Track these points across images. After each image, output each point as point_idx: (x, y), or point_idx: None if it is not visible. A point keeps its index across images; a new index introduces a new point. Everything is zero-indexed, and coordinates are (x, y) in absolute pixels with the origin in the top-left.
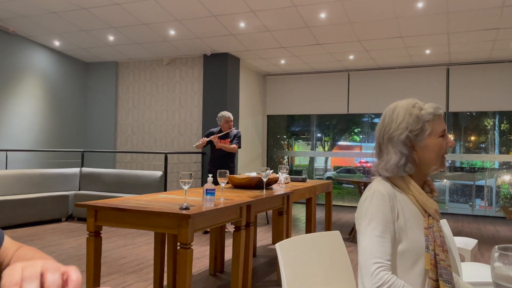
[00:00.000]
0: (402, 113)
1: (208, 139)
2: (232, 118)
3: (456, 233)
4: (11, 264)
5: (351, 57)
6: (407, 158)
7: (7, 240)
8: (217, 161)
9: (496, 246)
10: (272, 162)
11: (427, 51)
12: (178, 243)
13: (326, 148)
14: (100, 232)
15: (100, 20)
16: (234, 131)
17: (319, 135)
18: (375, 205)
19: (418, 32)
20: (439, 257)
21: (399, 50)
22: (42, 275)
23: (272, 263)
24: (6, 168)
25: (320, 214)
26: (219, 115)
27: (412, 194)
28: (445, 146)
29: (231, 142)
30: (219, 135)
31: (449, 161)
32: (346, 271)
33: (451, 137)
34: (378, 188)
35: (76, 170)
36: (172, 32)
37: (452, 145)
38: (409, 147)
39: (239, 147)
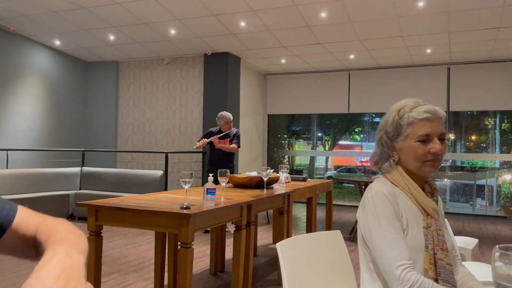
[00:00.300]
0: (388, 114)
1: (209, 140)
2: (231, 118)
3: (457, 232)
4: (38, 236)
5: (352, 56)
6: (382, 157)
7: (22, 211)
8: (217, 161)
9: (497, 246)
10: (273, 162)
11: (428, 51)
12: (179, 243)
13: (327, 148)
14: (101, 231)
15: (101, 20)
16: (233, 130)
17: (319, 134)
18: (380, 207)
19: (419, 31)
20: (438, 256)
21: (400, 50)
22: None
23: (273, 262)
24: (6, 168)
25: (320, 213)
26: (219, 115)
27: (411, 193)
28: (424, 152)
29: (230, 141)
30: (219, 136)
31: (450, 160)
32: (347, 271)
33: (450, 138)
34: (379, 189)
35: (76, 169)
36: (172, 32)
37: (434, 151)
38: (385, 147)
39: (239, 147)
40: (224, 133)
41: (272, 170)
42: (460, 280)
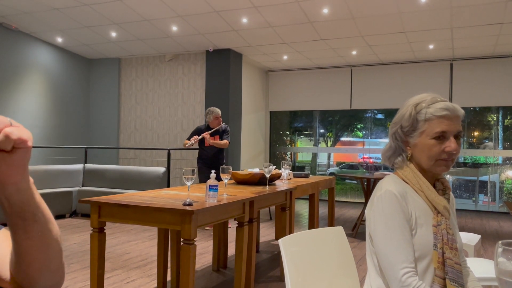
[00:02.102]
0: (404, 108)
1: (200, 137)
2: (220, 113)
3: (460, 228)
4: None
5: (354, 52)
6: (396, 151)
7: (3, 233)
8: (208, 157)
9: (500, 242)
10: (275, 158)
11: (431, 46)
12: (182, 239)
13: (329, 144)
14: (104, 228)
15: (103, 17)
16: (222, 126)
17: (322, 131)
18: (388, 207)
19: (422, 27)
20: (446, 255)
21: (402, 46)
22: None
23: (275, 258)
24: None
25: (323, 210)
26: (207, 111)
27: (422, 191)
28: (439, 151)
29: (220, 137)
30: (210, 132)
31: None
32: (349, 267)
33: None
34: (388, 188)
35: (79, 166)
36: (174, 28)
37: (449, 150)
38: (399, 142)
39: (229, 142)
40: (213, 129)
41: (274, 166)
42: (468, 284)
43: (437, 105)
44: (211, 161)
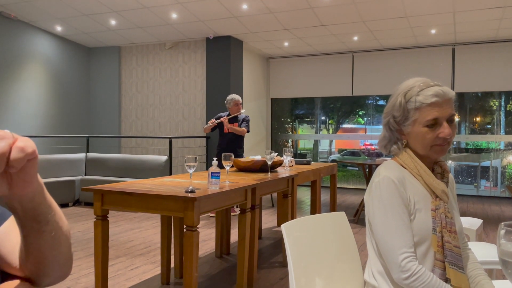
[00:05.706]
0: (394, 96)
1: (218, 120)
2: (241, 100)
3: (461, 213)
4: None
5: (355, 38)
6: (390, 140)
7: (11, 222)
8: (225, 145)
9: (502, 223)
10: (277, 146)
11: (433, 31)
12: (185, 226)
13: (331, 131)
14: (107, 216)
15: (102, 4)
16: (242, 115)
17: (323, 118)
18: (386, 193)
19: (423, 11)
20: (445, 238)
21: (404, 31)
22: None
23: (278, 245)
24: None
25: (324, 196)
26: (228, 98)
27: (420, 175)
28: (433, 137)
29: (239, 125)
30: (228, 117)
31: (454, 142)
32: (351, 252)
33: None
34: (386, 174)
35: (81, 155)
36: (174, 15)
37: (443, 136)
38: (393, 131)
39: (248, 131)
40: (232, 116)
41: (276, 154)
42: (469, 266)
43: (426, 91)
44: (227, 148)
